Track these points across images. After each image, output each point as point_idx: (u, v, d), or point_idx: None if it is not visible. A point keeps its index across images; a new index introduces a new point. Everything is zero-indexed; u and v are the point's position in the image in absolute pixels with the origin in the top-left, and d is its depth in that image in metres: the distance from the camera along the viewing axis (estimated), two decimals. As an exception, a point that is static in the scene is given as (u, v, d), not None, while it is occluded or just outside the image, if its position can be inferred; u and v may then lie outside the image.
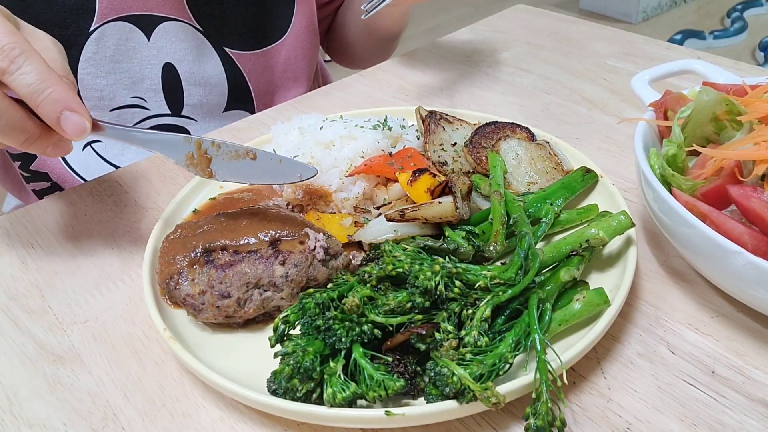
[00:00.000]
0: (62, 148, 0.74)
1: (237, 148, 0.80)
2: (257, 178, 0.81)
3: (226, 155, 0.80)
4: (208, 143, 0.80)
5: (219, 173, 0.80)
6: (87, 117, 0.70)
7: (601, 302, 0.68)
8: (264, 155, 0.80)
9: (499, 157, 0.87)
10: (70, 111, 0.68)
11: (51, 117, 0.68)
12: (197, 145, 0.79)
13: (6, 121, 0.67)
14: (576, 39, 1.42)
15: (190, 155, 0.79)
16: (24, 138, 0.69)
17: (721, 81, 0.89)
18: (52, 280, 0.85)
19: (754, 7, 4.55)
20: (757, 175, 0.68)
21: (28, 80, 0.66)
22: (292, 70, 1.30)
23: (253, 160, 0.79)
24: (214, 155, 0.80)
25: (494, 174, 0.85)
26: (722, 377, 0.67)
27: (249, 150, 0.80)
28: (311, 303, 0.65)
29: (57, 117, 0.68)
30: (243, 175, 0.80)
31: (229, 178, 0.80)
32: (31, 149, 0.71)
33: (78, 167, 1.20)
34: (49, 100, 0.67)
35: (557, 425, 0.59)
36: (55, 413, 0.67)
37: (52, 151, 0.73)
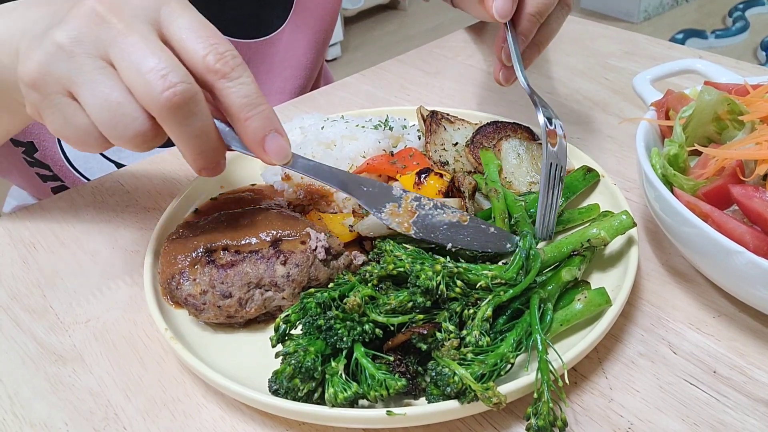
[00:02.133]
0: (219, 169, 0.67)
1: (447, 207, 0.75)
2: (460, 242, 0.73)
3: (433, 212, 0.74)
4: (416, 198, 0.75)
5: (418, 229, 0.73)
6: (289, 143, 0.67)
7: (602, 302, 0.68)
8: (475, 221, 0.74)
9: (490, 154, 0.87)
10: (276, 133, 0.65)
11: (258, 134, 0.64)
12: (405, 198, 0.75)
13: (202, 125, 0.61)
14: (577, 38, 1.42)
15: (393, 207, 0.74)
16: (205, 147, 0.63)
17: (722, 80, 0.89)
18: (54, 279, 0.85)
19: (756, 6, 4.54)
20: (759, 175, 0.68)
21: (245, 91, 0.62)
22: (291, 59, 1.30)
23: (462, 222, 0.74)
24: (420, 210, 0.74)
25: (489, 172, 0.85)
26: (724, 377, 0.67)
27: (462, 214, 0.75)
28: (312, 303, 0.65)
29: (264, 136, 0.64)
30: (444, 236, 0.72)
31: (426, 236, 0.72)
32: (200, 161, 0.65)
33: (78, 164, 1.20)
34: (261, 117, 0.63)
35: (558, 425, 0.59)
36: (57, 413, 0.68)
37: (211, 170, 0.66)
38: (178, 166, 1.06)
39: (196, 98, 0.60)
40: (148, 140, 0.62)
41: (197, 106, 0.60)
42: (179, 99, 0.58)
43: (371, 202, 0.74)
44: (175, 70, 0.58)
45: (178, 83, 0.58)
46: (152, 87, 0.58)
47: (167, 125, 0.60)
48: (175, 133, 0.61)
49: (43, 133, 1.16)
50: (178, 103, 0.58)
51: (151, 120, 0.60)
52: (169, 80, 0.58)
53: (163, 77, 0.58)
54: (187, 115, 0.60)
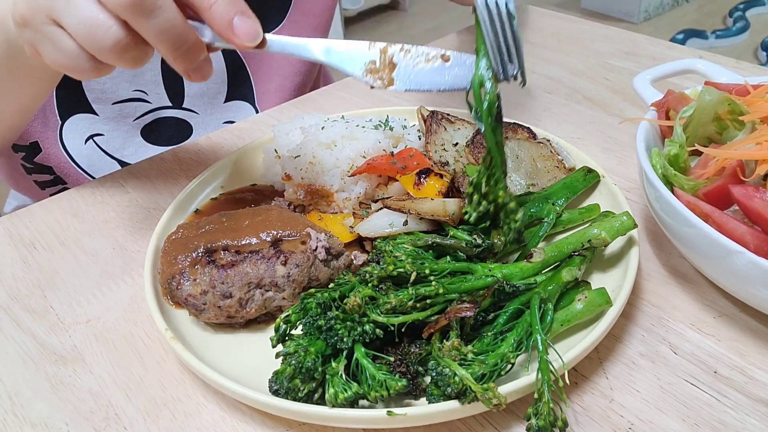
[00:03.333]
0: (205, 70, 0.71)
1: (428, 51, 0.72)
2: (446, 84, 0.71)
3: (415, 60, 0.71)
4: (395, 49, 0.72)
5: (401, 82, 0.71)
6: (259, 23, 0.68)
7: (603, 302, 0.68)
8: (458, 58, 0.72)
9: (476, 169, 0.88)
10: (243, 15, 0.66)
11: (224, 18, 0.65)
12: (383, 51, 0.72)
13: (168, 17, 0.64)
14: (578, 38, 1.42)
15: (372, 63, 0.72)
16: (180, 42, 0.66)
17: (723, 80, 0.89)
18: (54, 279, 0.85)
19: (757, 7, 4.54)
20: (760, 175, 0.68)
21: None
22: (289, 57, 1.29)
23: (446, 62, 0.72)
24: (400, 61, 0.71)
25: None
26: (724, 377, 0.67)
27: (442, 53, 0.72)
28: (313, 303, 0.65)
29: (230, 19, 0.65)
30: (430, 82, 0.71)
31: (412, 86, 0.71)
32: (180, 60, 0.68)
33: (81, 161, 1.20)
34: (224, 1, 0.65)
35: (559, 425, 0.59)
36: (57, 413, 0.68)
37: (195, 71, 0.70)
38: (178, 166, 1.06)
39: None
40: (128, 48, 0.66)
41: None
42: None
43: (349, 64, 0.73)
44: None
45: None
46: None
47: (136, 23, 0.64)
48: (144, 29, 0.65)
49: (45, 132, 1.17)
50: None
51: (125, 26, 0.65)
52: None
53: None
54: (150, 8, 0.63)
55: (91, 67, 0.68)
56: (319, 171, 0.88)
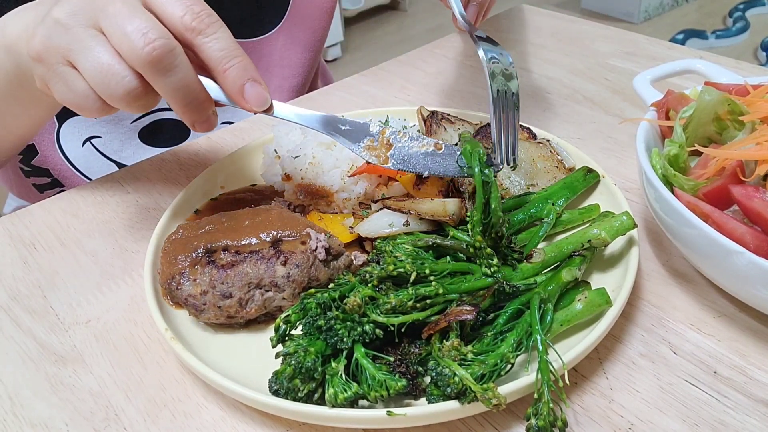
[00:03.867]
0: (211, 122, 0.73)
1: (423, 138, 0.79)
2: (437, 169, 0.77)
3: (410, 144, 0.78)
4: (393, 131, 0.78)
5: (396, 161, 0.77)
6: (268, 90, 0.71)
7: (602, 302, 0.68)
8: (450, 148, 0.78)
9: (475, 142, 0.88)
10: (254, 82, 0.69)
11: (236, 84, 0.68)
12: (382, 132, 0.78)
13: (183, 76, 0.67)
14: (577, 39, 1.42)
15: (370, 141, 0.78)
16: (191, 99, 0.69)
17: (723, 81, 0.89)
18: (54, 280, 0.85)
19: (756, 7, 4.54)
20: (760, 175, 0.68)
21: (220, 45, 0.67)
22: (288, 58, 1.30)
23: (438, 150, 0.78)
24: (397, 142, 0.78)
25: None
26: (724, 377, 0.67)
27: (436, 142, 0.79)
28: (313, 303, 0.65)
29: (242, 84, 0.68)
30: (422, 165, 0.78)
31: (404, 167, 0.78)
32: (189, 114, 0.70)
33: (78, 164, 1.20)
34: (238, 67, 0.68)
35: (559, 425, 0.59)
36: (57, 413, 0.68)
37: (203, 123, 0.72)
38: (178, 166, 1.06)
39: (174, 52, 0.66)
40: (139, 97, 0.67)
41: (176, 59, 0.66)
42: (159, 53, 0.64)
43: (349, 139, 0.78)
44: (154, 29, 0.65)
45: (156, 39, 0.64)
46: (135, 45, 0.64)
47: (152, 78, 0.66)
48: (159, 85, 0.67)
49: (41, 134, 1.16)
50: (158, 56, 0.64)
51: (139, 77, 0.67)
52: (149, 37, 0.64)
53: (144, 35, 0.64)
54: (168, 68, 0.65)
55: (98, 108, 0.70)
56: (319, 171, 0.88)
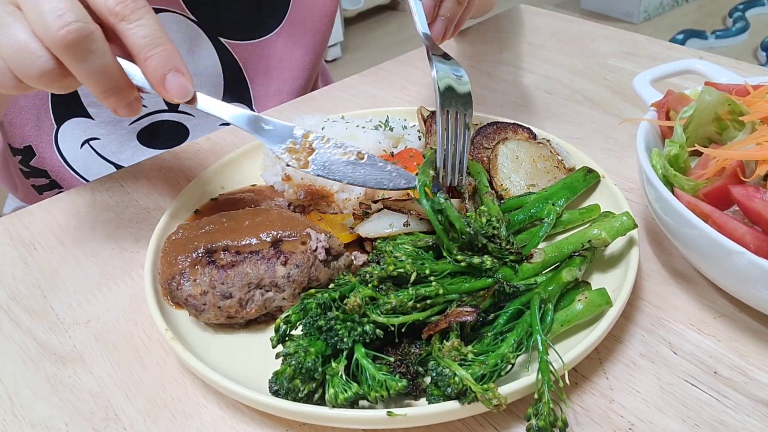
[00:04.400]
0: (134, 108, 0.70)
1: (346, 146, 0.78)
2: (356, 179, 0.77)
3: (332, 150, 0.77)
4: (317, 136, 0.77)
5: (316, 166, 0.76)
6: (191, 81, 0.69)
7: (603, 303, 0.68)
8: (372, 159, 0.77)
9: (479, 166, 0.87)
10: (177, 72, 0.67)
11: (158, 73, 0.66)
12: (305, 136, 0.77)
13: (100, 62, 0.64)
14: (577, 39, 1.42)
15: (292, 143, 0.77)
16: (110, 85, 0.66)
17: (723, 81, 0.89)
18: (54, 280, 0.85)
19: (756, 7, 4.54)
20: (760, 176, 0.68)
21: (144, 32, 0.65)
22: (288, 60, 1.30)
23: (360, 160, 0.77)
24: (319, 148, 0.77)
25: (480, 179, 0.84)
26: (724, 377, 0.67)
27: (359, 151, 0.77)
28: (313, 303, 0.65)
29: (163, 74, 0.66)
30: (341, 173, 0.76)
31: (324, 173, 0.76)
32: (108, 100, 0.68)
33: (77, 165, 1.20)
34: (160, 56, 0.66)
35: (559, 426, 0.59)
36: (57, 413, 0.68)
37: (125, 108, 0.69)
38: (178, 166, 1.06)
39: (92, 36, 0.63)
40: (55, 79, 0.65)
41: (94, 44, 0.63)
42: (74, 36, 0.61)
43: (272, 139, 0.77)
44: (71, 10, 0.62)
45: (72, 22, 0.61)
46: (49, 26, 0.61)
47: (67, 63, 0.63)
48: (75, 70, 0.64)
49: (40, 135, 1.17)
50: (73, 40, 0.61)
51: (56, 59, 0.63)
52: (64, 19, 0.61)
53: (59, 17, 0.61)
54: (84, 52, 0.63)
55: (14, 86, 0.67)
56: (319, 171, 0.88)
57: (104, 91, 0.67)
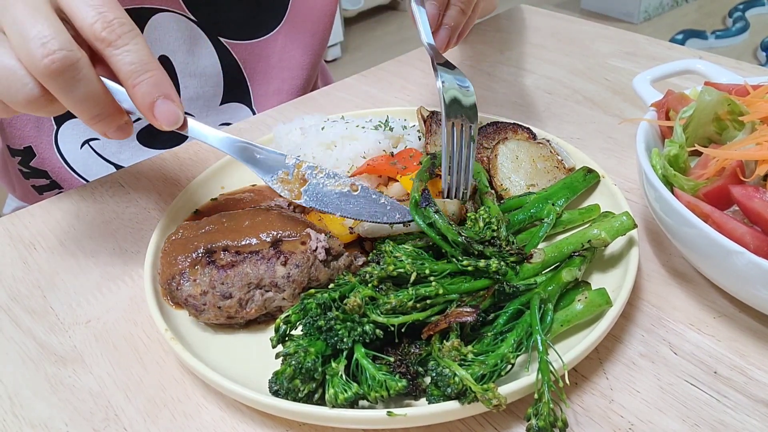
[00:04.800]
0: (125, 131, 0.69)
1: (339, 177, 0.77)
2: (350, 212, 0.76)
3: (325, 181, 0.76)
4: (310, 166, 0.77)
5: (308, 197, 0.76)
6: (181, 108, 0.68)
7: (603, 303, 0.68)
8: (366, 191, 0.77)
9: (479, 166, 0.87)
10: (165, 98, 0.66)
11: (146, 100, 0.65)
12: (297, 166, 0.77)
13: (87, 90, 0.63)
14: (577, 39, 1.42)
15: (284, 173, 0.76)
16: (97, 112, 0.65)
17: (722, 81, 0.89)
18: (54, 280, 0.85)
19: (756, 7, 4.54)
20: (759, 176, 0.68)
21: (131, 58, 0.63)
22: (288, 60, 1.30)
23: (354, 192, 0.76)
24: (311, 179, 0.76)
25: (480, 179, 0.84)
26: (724, 377, 0.67)
27: (352, 183, 0.77)
28: (313, 303, 0.65)
29: (152, 102, 0.65)
30: (334, 205, 0.76)
31: (317, 205, 0.76)
32: (97, 126, 0.67)
33: (77, 166, 1.20)
34: (148, 83, 0.64)
35: (559, 426, 0.59)
36: (57, 413, 0.68)
37: (115, 132, 0.68)
38: (178, 166, 1.06)
39: (77, 65, 0.61)
40: (42, 105, 0.64)
41: (79, 72, 0.62)
42: (58, 66, 0.60)
43: (263, 169, 0.76)
44: (56, 38, 0.60)
45: (57, 50, 0.60)
46: (33, 54, 0.60)
47: (53, 91, 0.62)
48: (61, 98, 0.63)
49: (39, 136, 1.17)
50: (58, 69, 0.60)
51: (41, 86, 0.62)
52: (48, 48, 0.60)
53: (43, 45, 0.60)
54: (69, 81, 0.61)
55: (2, 110, 0.67)
56: (319, 171, 0.88)
57: (92, 117, 0.66)
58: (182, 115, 0.68)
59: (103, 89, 0.65)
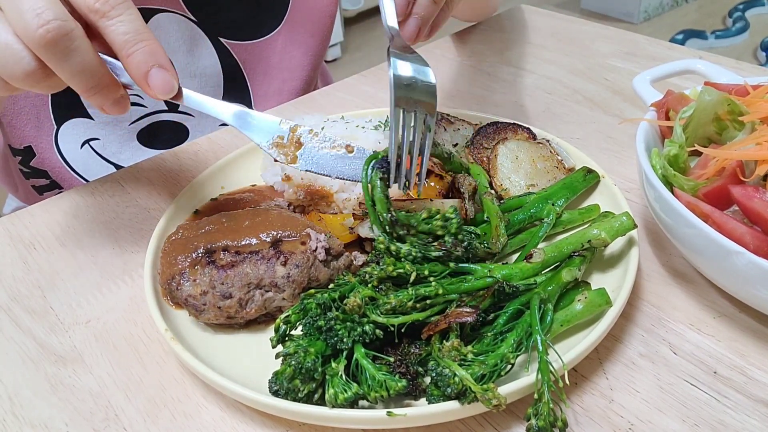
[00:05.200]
0: (122, 105, 0.70)
1: (334, 140, 0.77)
2: (346, 173, 0.76)
3: (320, 144, 0.76)
4: (305, 129, 0.77)
5: (304, 161, 0.76)
6: (176, 77, 0.68)
7: (602, 303, 0.68)
8: (362, 152, 0.77)
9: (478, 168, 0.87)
10: (160, 67, 0.66)
11: (141, 69, 0.65)
12: (293, 129, 0.76)
13: (82, 60, 0.63)
14: (577, 39, 1.42)
15: (279, 138, 0.76)
16: (93, 83, 0.65)
17: (722, 81, 0.89)
18: (54, 280, 0.85)
19: (756, 7, 4.55)
20: (759, 176, 0.68)
21: (125, 29, 0.64)
22: (288, 61, 1.30)
23: (349, 153, 0.76)
24: (307, 142, 0.76)
25: (480, 180, 0.84)
26: (724, 377, 0.67)
27: (348, 144, 0.76)
28: (313, 303, 0.65)
29: (146, 71, 0.65)
30: (330, 167, 0.76)
31: (313, 167, 0.76)
32: (94, 98, 0.67)
33: (77, 166, 1.20)
34: (143, 52, 0.64)
35: (559, 426, 0.59)
36: (57, 414, 0.68)
37: (112, 106, 0.69)
38: (178, 166, 1.06)
39: (71, 35, 0.62)
40: (39, 79, 0.64)
41: (73, 42, 0.62)
42: (53, 35, 0.60)
43: (259, 134, 0.76)
44: (50, 9, 0.61)
45: (51, 20, 0.60)
46: (28, 25, 0.60)
47: (49, 62, 0.63)
48: (57, 69, 0.63)
49: (39, 136, 1.17)
50: (53, 39, 0.61)
51: (38, 59, 0.63)
52: (43, 18, 0.60)
53: (38, 15, 0.60)
54: (64, 51, 0.62)
55: (2, 86, 0.67)
56: (319, 171, 0.88)
57: (88, 89, 0.66)
58: (176, 84, 0.68)
59: (99, 60, 0.65)
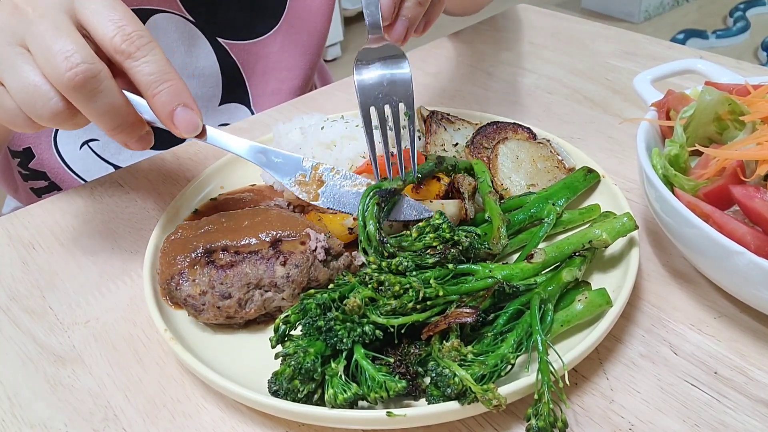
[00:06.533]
0: (146, 141, 0.72)
1: (356, 177, 0.78)
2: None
3: (342, 182, 0.78)
4: (327, 168, 0.79)
5: (326, 198, 0.78)
6: (200, 115, 0.70)
7: (603, 303, 0.68)
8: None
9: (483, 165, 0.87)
10: (185, 107, 0.68)
11: (166, 109, 0.67)
12: (315, 168, 0.78)
13: (108, 101, 0.65)
14: (578, 38, 1.42)
15: (302, 176, 0.78)
16: (119, 122, 0.67)
17: (723, 81, 0.89)
18: (53, 280, 0.85)
19: (757, 7, 4.54)
20: (760, 176, 0.68)
21: (150, 69, 0.66)
22: (286, 60, 1.30)
23: None
24: (329, 180, 0.78)
25: (484, 179, 0.84)
26: (725, 378, 0.67)
27: (368, 182, 0.78)
28: (312, 304, 0.65)
29: (172, 110, 0.67)
30: (352, 205, 0.78)
31: (334, 205, 0.78)
32: (119, 136, 0.69)
33: (76, 167, 1.20)
34: (168, 92, 0.66)
35: (559, 426, 0.59)
36: (56, 414, 0.67)
37: (136, 143, 0.70)
38: (178, 166, 1.06)
39: (99, 77, 0.64)
40: (66, 119, 0.66)
41: (101, 84, 0.64)
42: (81, 78, 0.62)
43: (281, 172, 0.78)
44: (78, 52, 0.63)
45: (80, 63, 0.62)
46: (58, 68, 0.62)
47: (76, 103, 0.64)
48: (84, 110, 0.65)
49: (39, 137, 1.16)
50: (81, 81, 0.62)
51: (66, 100, 0.65)
52: (72, 61, 0.62)
53: (67, 58, 0.62)
54: (92, 93, 0.64)
55: (29, 126, 0.68)
56: (319, 171, 0.88)
57: (114, 128, 0.68)
58: (201, 122, 0.70)
59: (124, 100, 0.67)
